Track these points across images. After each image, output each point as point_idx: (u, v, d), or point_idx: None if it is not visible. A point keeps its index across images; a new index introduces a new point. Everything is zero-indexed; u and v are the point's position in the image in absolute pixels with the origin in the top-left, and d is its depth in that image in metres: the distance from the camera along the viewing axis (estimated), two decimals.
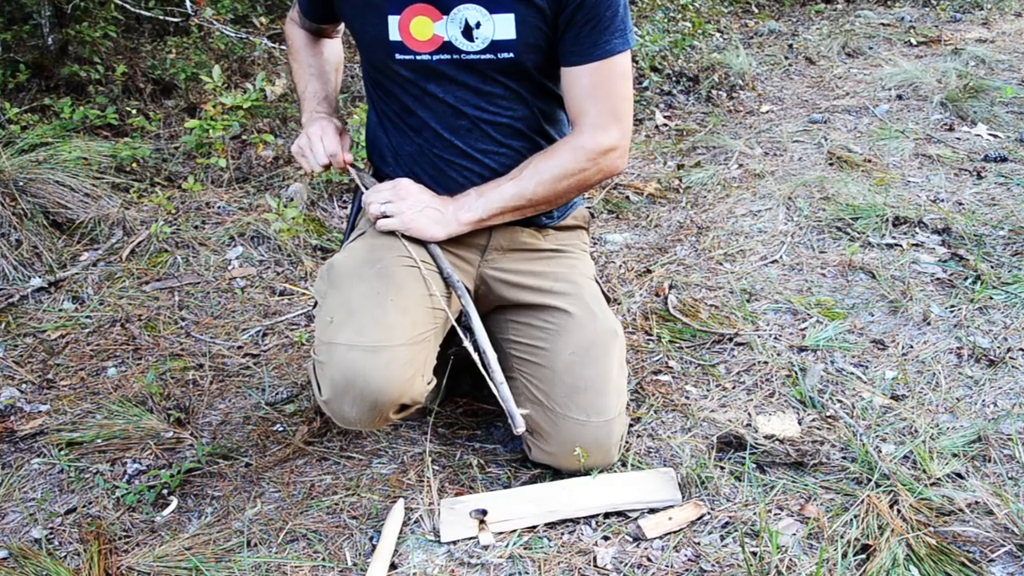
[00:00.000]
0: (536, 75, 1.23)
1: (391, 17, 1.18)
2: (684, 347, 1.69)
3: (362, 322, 1.15)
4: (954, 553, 1.14)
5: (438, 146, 1.26)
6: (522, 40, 1.17)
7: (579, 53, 1.19)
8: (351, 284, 1.20)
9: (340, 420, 1.19)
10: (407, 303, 1.19)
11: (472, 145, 1.25)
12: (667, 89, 3.27)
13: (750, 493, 1.28)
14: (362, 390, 1.12)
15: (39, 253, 2.04)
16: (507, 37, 1.17)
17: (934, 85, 3.18)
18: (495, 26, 1.16)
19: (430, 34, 1.18)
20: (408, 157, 1.30)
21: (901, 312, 1.78)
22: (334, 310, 1.18)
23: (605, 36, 1.18)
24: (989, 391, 1.51)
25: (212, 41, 3.17)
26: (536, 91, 1.25)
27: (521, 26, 1.16)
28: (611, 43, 1.18)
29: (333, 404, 1.16)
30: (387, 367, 1.13)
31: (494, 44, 1.17)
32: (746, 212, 2.30)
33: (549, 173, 1.24)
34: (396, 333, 1.15)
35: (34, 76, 2.87)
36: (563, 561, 1.17)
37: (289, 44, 1.44)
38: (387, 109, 1.30)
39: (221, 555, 1.21)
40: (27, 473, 1.40)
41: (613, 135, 1.23)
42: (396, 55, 1.20)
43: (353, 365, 1.12)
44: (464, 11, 1.16)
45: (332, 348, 1.14)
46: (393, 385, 1.13)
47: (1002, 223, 2.13)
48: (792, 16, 4.60)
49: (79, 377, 1.66)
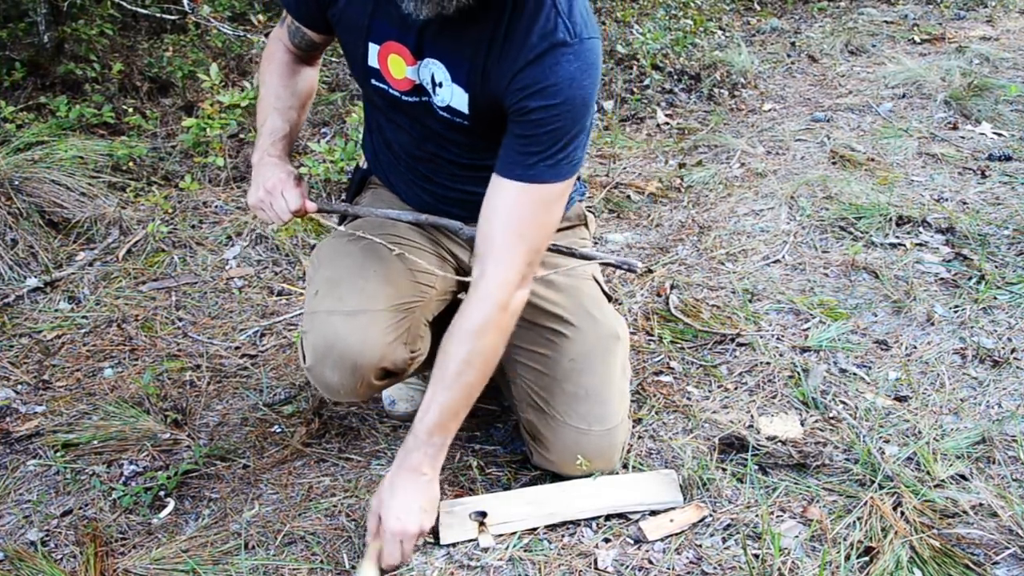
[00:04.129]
0: (498, 136, 1.12)
1: (371, 45, 1.15)
2: (685, 348, 1.68)
3: (344, 291, 1.17)
4: (958, 555, 1.13)
5: (405, 163, 1.28)
6: (475, 117, 1.12)
7: (504, 162, 1.08)
8: (336, 259, 1.23)
9: (324, 388, 1.20)
10: (391, 274, 1.20)
11: (434, 171, 1.25)
12: (668, 87, 3.26)
13: (752, 495, 1.27)
14: (341, 352, 1.14)
15: (35, 253, 2.03)
16: (461, 109, 1.12)
17: (938, 83, 3.17)
18: (453, 93, 1.11)
19: (403, 75, 1.14)
20: (386, 163, 1.32)
21: (904, 312, 1.77)
22: (319, 284, 1.20)
23: (534, 159, 1.06)
24: (993, 392, 1.50)
25: (209, 39, 3.15)
26: (499, 144, 1.17)
27: (474, 105, 1.10)
28: (536, 168, 1.06)
29: (316, 370, 1.18)
30: (366, 329, 1.14)
31: (450, 108, 1.13)
32: (748, 211, 2.28)
33: (483, 353, 1.11)
34: (377, 299, 1.16)
35: (30, 74, 2.86)
36: (563, 563, 1.16)
37: (265, 63, 1.33)
38: (368, 117, 1.33)
39: (218, 557, 1.20)
40: (23, 475, 1.39)
41: (517, 268, 1.10)
42: (372, 81, 1.18)
43: (334, 329, 1.14)
44: (432, 66, 1.11)
45: (314, 316, 1.17)
46: (371, 347, 1.14)
47: (1006, 222, 2.11)
48: (794, 14, 4.58)
49: (75, 378, 1.65)
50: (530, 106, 1.03)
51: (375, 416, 1.51)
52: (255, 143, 1.29)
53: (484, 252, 1.11)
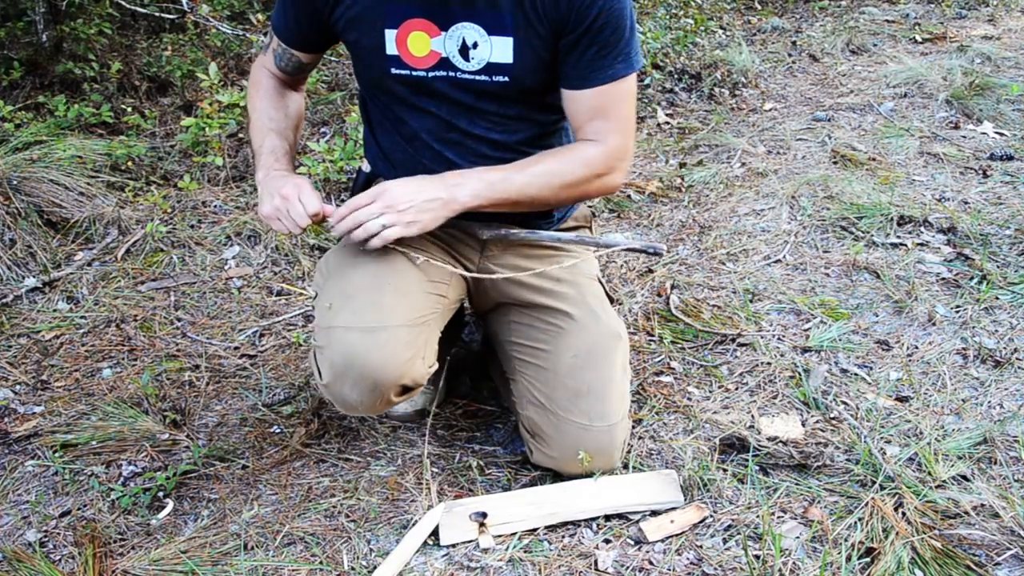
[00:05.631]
0: (532, 96, 1.21)
1: (388, 31, 1.16)
2: (686, 348, 1.68)
3: (359, 305, 1.15)
4: (959, 556, 1.13)
5: (428, 156, 1.25)
6: (519, 64, 1.15)
7: (582, 77, 1.16)
8: (348, 271, 1.21)
9: (342, 405, 1.19)
10: (405, 286, 1.19)
11: (463, 157, 1.24)
12: (669, 87, 3.25)
13: (753, 496, 1.27)
14: (361, 371, 1.13)
15: (33, 253, 2.03)
16: (503, 60, 1.15)
17: (939, 83, 3.16)
18: (492, 48, 1.14)
19: (427, 50, 1.16)
20: (399, 163, 1.29)
21: (906, 312, 1.76)
22: (332, 296, 1.19)
23: (609, 60, 1.15)
24: (995, 392, 1.50)
25: (208, 38, 3.15)
26: (532, 109, 1.23)
27: (519, 50, 1.14)
28: (614, 67, 1.16)
29: (334, 388, 1.16)
30: (385, 347, 1.13)
31: (489, 66, 1.16)
32: (749, 211, 2.28)
33: (557, 178, 1.20)
34: (394, 314, 1.15)
35: (28, 73, 2.85)
36: (564, 564, 1.16)
37: (252, 91, 1.33)
38: (381, 116, 1.29)
39: (217, 558, 1.19)
40: (21, 475, 1.39)
41: (618, 152, 1.22)
42: (392, 70, 1.18)
43: (352, 346, 1.13)
44: (462, 30, 1.14)
45: (331, 332, 1.15)
46: (392, 365, 1.13)
47: (1008, 222, 2.11)
48: (795, 13, 4.58)
49: (74, 378, 1.65)
50: (590, 15, 1.12)
51: (374, 417, 1.51)
52: (256, 163, 1.27)
53: (587, 138, 1.21)
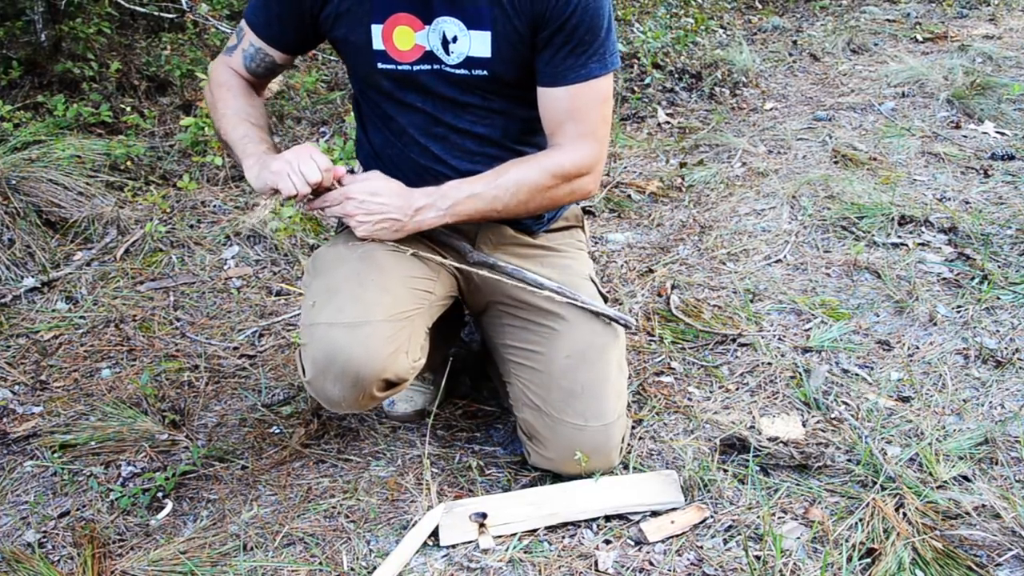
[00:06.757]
0: (513, 90, 1.21)
1: (374, 26, 1.17)
2: (686, 348, 1.67)
3: (342, 301, 1.16)
4: (960, 557, 1.13)
5: (415, 151, 1.26)
6: (497, 58, 1.16)
7: (555, 75, 1.17)
8: (333, 268, 1.22)
9: (325, 400, 1.19)
10: (388, 283, 1.19)
11: (448, 151, 1.25)
12: (669, 86, 3.25)
13: (753, 496, 1.26)
14: (343, 366, 1.13)
15: (32, 253, 2.02)
16: (482, 55, 1.16)
17: (940, 82, 3.15)
18: (471, 42, 1.15)
19: (412, 44, 1.17)
20: (389, 159, 1.30)
21: (907, 312, 1.76)
22: (317, 294, 1.19)
23: (583, 59, 1.15)
24: (996, 393, 1.49)
25: (207, 37, 3.14)
26: (515, 103, 1.24)
27: (497, 45, 1.15)
28: (588, 67, 1.16)
29: (316, 383, 1.17)
30: (367, 341, 1.13)
31: (469, 60, 1.17)
32: (749, 211, 2.28)
33: (524, 187, 1.20)
34: (376, 309, 1.15)
35: (27, 73, 2.85)
36: (564, 565, 1.15)
37: (219, 91, 1.26)
38: (371, 113, 1.30)
39: (217, 559, 1.19)
40: (20, 476, 1.38)
41: (588, 157, 1.21)
42: (379, 64, 1.19)
43: (334, 341, 1.13)
44: (443, 24, 1.15)
45: (313, 328, 1.15)
46: (374, 359, 1.13)
47: (1009, 222, 2.10)
48: (796, 12, 4.57)
49: (72, 378, 1.65)
50: (565, 13, 1.12)
51: (374, 417, 1.50)
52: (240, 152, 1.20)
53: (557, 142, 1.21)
